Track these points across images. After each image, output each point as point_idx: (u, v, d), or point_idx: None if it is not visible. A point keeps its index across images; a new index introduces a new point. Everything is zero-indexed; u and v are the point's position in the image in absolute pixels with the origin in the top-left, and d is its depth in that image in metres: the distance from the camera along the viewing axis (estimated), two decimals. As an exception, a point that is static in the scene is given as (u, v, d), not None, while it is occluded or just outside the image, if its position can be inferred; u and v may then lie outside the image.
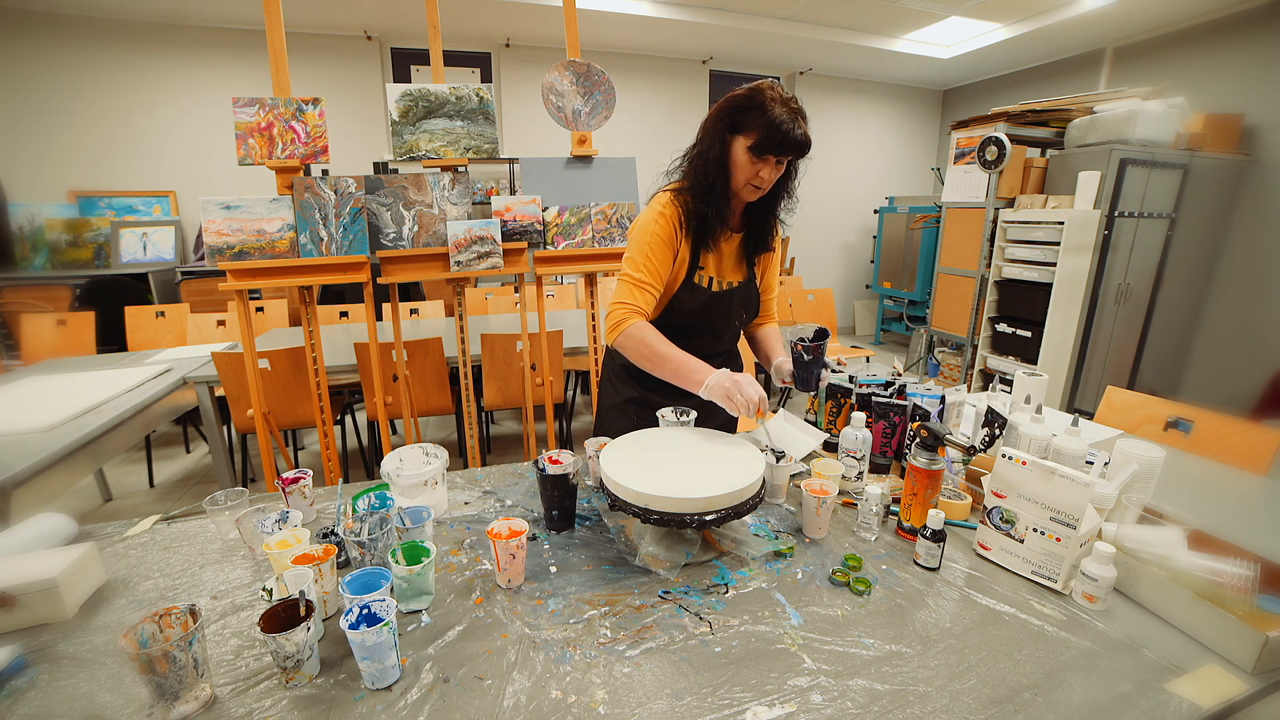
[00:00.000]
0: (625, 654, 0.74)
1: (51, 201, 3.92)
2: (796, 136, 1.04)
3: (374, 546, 0.86)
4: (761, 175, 1.09)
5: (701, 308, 1.22)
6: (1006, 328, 3.48)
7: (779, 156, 1.07)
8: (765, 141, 1.04)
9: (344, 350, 2.44)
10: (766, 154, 1.06)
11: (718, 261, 1.23)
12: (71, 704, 0.67)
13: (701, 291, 1.21)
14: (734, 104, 1.08)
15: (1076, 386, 3.44)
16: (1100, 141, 3.21)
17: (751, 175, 1.09)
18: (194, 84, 4.06)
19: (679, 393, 1.32)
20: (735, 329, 1.33)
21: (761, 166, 1.08)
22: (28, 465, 1.33)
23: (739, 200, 1.19)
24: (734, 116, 1.08)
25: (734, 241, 1.24)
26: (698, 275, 1.21)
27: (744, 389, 1.02)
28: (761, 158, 1.07)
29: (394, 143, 1.91)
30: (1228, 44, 3.75)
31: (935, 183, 5.86)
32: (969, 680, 0.70)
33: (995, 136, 3.33)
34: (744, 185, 1.12)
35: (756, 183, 1.10)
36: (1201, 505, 1.16)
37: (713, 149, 1.11)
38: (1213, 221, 3.65)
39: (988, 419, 1.19)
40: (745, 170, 1.10)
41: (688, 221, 1.16)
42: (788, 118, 1.03)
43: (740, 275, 1.27)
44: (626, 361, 1.35)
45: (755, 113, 1.04)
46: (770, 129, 1.03)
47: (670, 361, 1.10)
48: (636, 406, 1.34)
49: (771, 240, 1.26)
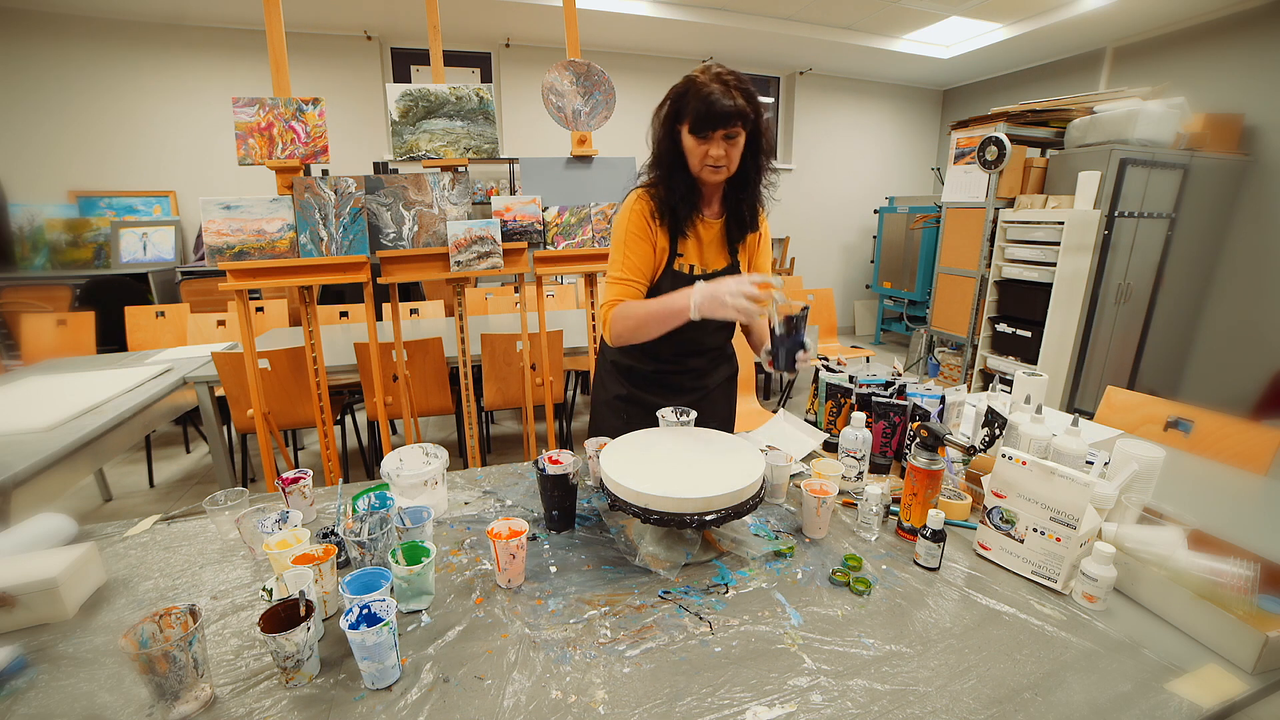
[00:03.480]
0: (625, 654, 0.74)
1: (51, 201, 3.92)
2: (727, 107, 1.04)
3: (374, 546, 0.86)
4: (711, 154, 1.09)
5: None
6: (1006, 328, 3.48)
7: (717, 131, 1.07)
8: (700, 119, 1.05)
9: (344, 350, 2.44)
10: (705, 131, 1.07)
11: (699, 249, 1.23)
12: (71, 704, 0.67)
13: (683, 279, 1.21)
14: (672, 93, 1.11)
15: (1076, 386, 3.44)
16: (1100, 141, 3.21)
17: (702, 156, 1.10)
18: (194, 84, 4.06)
19: (668, 390, 1.32)
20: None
21: (709, 145, 1.09)
22: (28, 465, 1.33)
23: (709, 186, 1.19)
24: (675, 105, 1.10)
25: (715, 227, 1.24)
26: (678, 263, 1.21)
27: (726, 285, 1.00)
28: (704, 136, 1.07)
29: (394, 143, 1.91)
30: (1228, 44, 3.75)
31: (935, 183, 5.85)
32: (969, 680, 0.70)
33: (995, 136, 3.33)
34: (701, 168, 1.12)
35: (711, 162, 1.11)
36: (1201, 505, 1.16)
37: (664, 142, 1.14)
38: (1213, 221, 3.65)
39: (988, 419, 1.19)
40: (695, 153, 1.11)
41: (661, 212, 1.17)
42: (719, 91, 1.04)
43: (724, 261, 1.26)
44: (617, 359, 1.35)
45: (688, 95, 1.07)
46: (702, 105, 1.04)
47: (653, 314, 1.11)
48: (626, 404, 1.34)
49: (753, 221, 1.25)
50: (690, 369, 1.34)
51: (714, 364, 1.38)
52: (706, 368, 1.36)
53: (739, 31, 4.42)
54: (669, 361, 1.31)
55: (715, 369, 1.39)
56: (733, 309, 0.99)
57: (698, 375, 1.36)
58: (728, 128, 1.07)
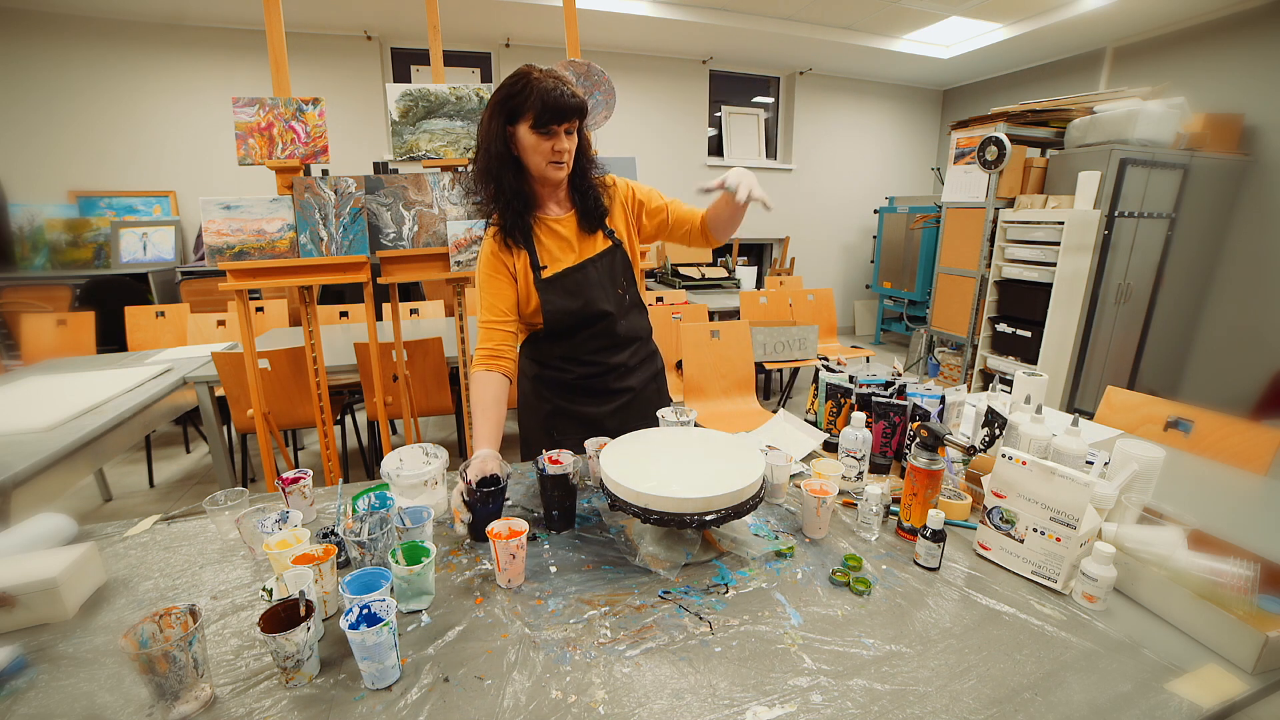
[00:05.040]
0: (625, 654, 0.74)
1: (51, 201, 3.92)
2: (571, 101, 1.06)
3: (374, 546, 0.86)
4: (558, 149, 1.10)
5: (572, 291, 1.21)
6: (1006, 328, 3.48)
7: (562, 125, 1.08)
8: (543, 113, 1.06)
9: (344, 350, 2.44)
10: (549, 125, 1.07)
11: (564, 246, 1.22)
12: (71, 704, 0.67)
13: (558, 280, 1.20)
14: (503, 95, 1.09)
15: (1076, 386, 3.44)
16: (1100, 141, 3.21)
17: (547, 152, 1.10)
18: (194, 84, 4.06)
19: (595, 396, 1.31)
20: (621, 299, 1.27)
21: (553, 140, 1.09)
22: (28, 465, 1.33)
23: (548, 185, 1.19)
24: (508, 105, 1.08)
25: (569, 223, 1.23)
26: (545, 272, 1.20)
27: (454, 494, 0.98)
28: (548, 131, 1.08)
29: (394, 143, 1.91)
30: (1228, 44, 3.75)
31: (935, 183, 5.85)
32: (969, 680, 0.70)
33: (995, 136, 3.33)
34: (545, 165, 1.12)
35: (555, 157, 1.11)
36: (1201, 505, 1.16)
37: (494, 145, 1.11)
38: (1213, 221, 3.65)
39: (988, 419, 1.19)
40: (539, 150, 1.10)
41: (504, 235, 1.18)
42: (555, 86, 1.05)
43: (600, 246, 1.25)
44: (538, 372, 1.33)
45: (524, 93, 1.06)
46: (543, 99, 1.05)
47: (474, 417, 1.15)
48: (554, 420, 1.33)
49: (602, 204, 1.24)
50: (613, 367, 1.30)
51: (638, 361, 1.34)
52: (631, 365, 1.32)
53: (739, 31, 4.42)
54: (589, 363, 1.28)
55: (639, 367, 1.35)
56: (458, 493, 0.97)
57: (622, 374, 1.32)
58: (571, 121, 1.09)
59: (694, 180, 5.98)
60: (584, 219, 1.23)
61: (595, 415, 1.31)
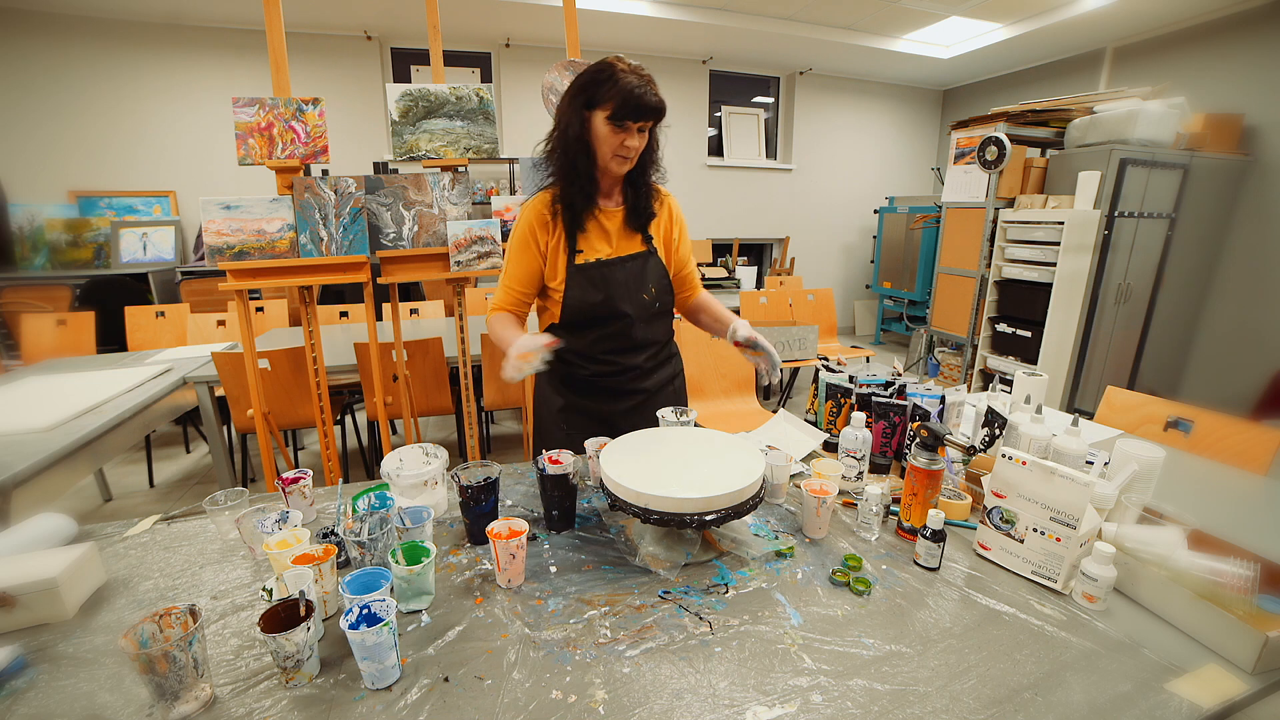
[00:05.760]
0: (625, 654, 0.74)
1: (51, 201, 3.92)
2: (651, 101, 1.07)
3: (374, 546, 0.86)
4: (627, 144, 1.11)
5: (599, 284, 1.21)
6: (1006, 328, 3.48)
7: (637, 122, 1.10)
8: (622, 108, 1.07)
9: (344, 350, 2.44)
10: (625, 121, 1.08)
11: (605, 238, 1.24)
12: (71, 704, 0.67)
13: (591, 269, 1.21)
14: (586, 80, 1.10)
15: (1076, 386, 3.44)
16: (1100, 141, 3.21)
17: (616, 145, 1.11)
18: (194, 84, 4.06)
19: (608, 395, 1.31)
20: (646, 305, 1.27)
21: (625, 135, 1.10)
22: (28, 465, 1.33)
23: (609, 176, 1.20)
24: (588, 92, 1.10)
25: (616, 216, 1.25)
26: (579, 258, 1.21)
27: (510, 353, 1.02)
28: (622, 126, 1.09)
29: (394, 143, 1.91)
30: (1228, 44, 3.75)
31: (935, 183, 5.85)
32: (969, 680, 0.70)
33: (995, 136, 3.33)
34: (611, 157, 1.14)
35: (622, 152, 1.12)
36: (1201, 505, 1.16)
37: (571, 127, 1.13)
38: (1213, 221, 3.65)
39: (988, 419, 1.19)
40: (608, 141, 1.11)
41: (554, 210, 1.19)
42: (639, 84, 1.06)
43: (638, 246, 1.26)
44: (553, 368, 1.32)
45: (608, 84, 1.07)
46: (625, 96, 1.06)
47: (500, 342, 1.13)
48: (567, 415, 1.33)
49: (652, 205, 1.26)
50: (628, 368, 1.30)
51: (655, 364, 1.34)
52: (647, 367, 1.32)
53: (739, 31, 4.42)
54: (605, 361, 1.28)
55: (657, 369, 1.35)
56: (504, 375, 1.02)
57: (638, 376, 1.31)
58: (646, 120, 1.10)
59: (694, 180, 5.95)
60: (631, 216, 1.25)
61: (609, 413, 1.31)
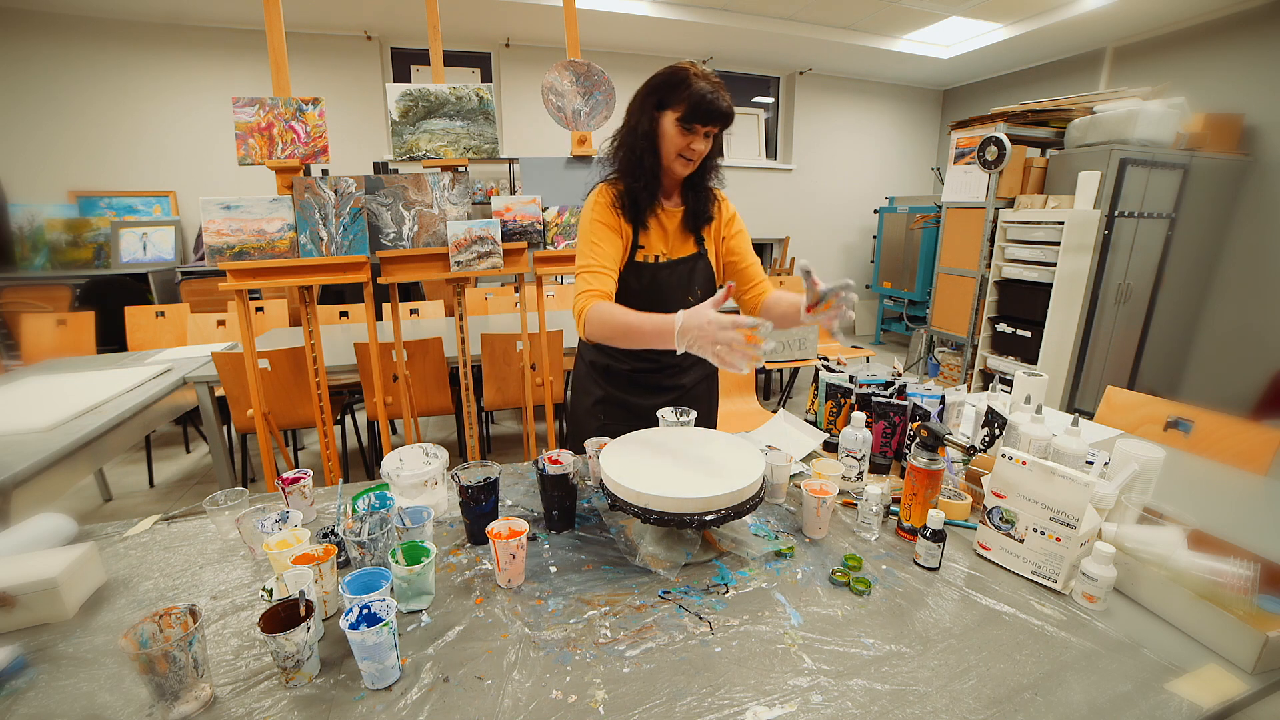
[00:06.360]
0: (625, 654, 0.74)
1: (51, 201, 3.92)
2: (722, 107, 1.09)
3: (374, 546, 0.86)
4: (693, 147, 1.13)
5: (649, 285, 1.24)
6: (1006, 328, 3.48)
7: (706, 127, 1.11)
8: (693, 112, 1.09)
9: (344, 350, 2.44)
10: (694, 124, 1.10)
11: (663, 237, 1.25)
12: (71, 704, 0.67)
13: (647, 268, 1.23)
14: (659, 81, 1.12)
15: (1076, 386, 3.44)
16: (1100, 141, 3.21)
17: (682, 147, 1.13)
18: (194, 84, 4.06)
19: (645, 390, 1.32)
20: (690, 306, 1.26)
21: (692, 138, 1.12)
22: (28, 465, 1.33)
23: (671, 176, 1.21)
24: (660, 93, 1.12)
25: (675, 216, 1.26)
26: (640, 254, 1.23)
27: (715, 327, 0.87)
28: (690, 128, 1.11)
29: (394, 143, 1.91)
30: (1228, 44, 3.75)
31: (935, 183, 5.85)
32: (969, 680, 0.70)
33: (995, 136, 3.33)
34: (675, 158, 1.15)
35: (688, 154, 1.14)
36: (1201, 505, 1.16)
37: (641, 124, 1.15)
38: (1213, 221, 3.65)
39: (988, 419, 1.19)
40: (675, 142, 1.13)
41: (622, 203, 1.19)
42: (710, 90, 1.08)
43: (691, 248, 1.28)
44: (595, 358, 1.36)
45: (681, 87, 1.09)
46: (697, 100, 1.07)
47: (634, 329, 1.02)
48: (604, 407, 1.35)
49: (710, 209, 1.28)
50: (667, 366, 1.34)
51: (692, 360, 1.36)
52: (685, 365, 1.36)
53: (739, 31, 4.42)
54: (645, 359, 1.31)
55: (693, 366, 1.38)
56: (713, 357, 0.88)
57: (675, 373, 1.36)
58: (716, 126, 1.12)
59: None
60: (688, 217, 1.26)
61: (644, 407, 1.32)
